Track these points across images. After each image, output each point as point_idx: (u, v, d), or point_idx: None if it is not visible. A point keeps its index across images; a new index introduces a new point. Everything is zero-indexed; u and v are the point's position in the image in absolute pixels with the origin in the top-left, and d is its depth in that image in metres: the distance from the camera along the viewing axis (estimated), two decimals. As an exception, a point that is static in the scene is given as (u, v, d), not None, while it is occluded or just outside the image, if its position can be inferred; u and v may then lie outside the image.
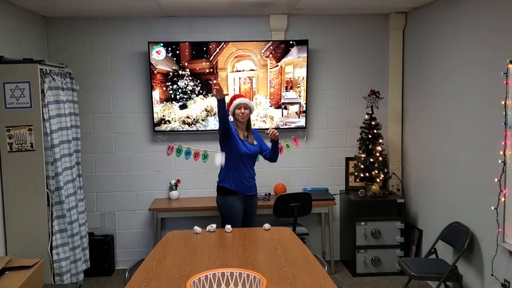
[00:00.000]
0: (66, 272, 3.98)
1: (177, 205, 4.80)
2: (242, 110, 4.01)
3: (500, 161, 3.30)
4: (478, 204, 3.67)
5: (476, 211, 3.69)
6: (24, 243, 3.82)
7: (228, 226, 3.56)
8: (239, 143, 4.01)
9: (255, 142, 4.13)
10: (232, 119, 4.10)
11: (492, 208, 3.41)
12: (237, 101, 4.02)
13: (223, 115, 3.84)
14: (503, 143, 3.26)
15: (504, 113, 3.25)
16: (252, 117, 4.94)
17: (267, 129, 4.05)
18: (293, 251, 3.06)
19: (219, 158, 4.03)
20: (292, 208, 4.50)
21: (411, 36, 4.90)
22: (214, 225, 3.58)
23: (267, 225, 3.59)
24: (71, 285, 3.64)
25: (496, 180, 3.35)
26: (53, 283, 3.87)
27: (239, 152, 4.00)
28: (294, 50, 4.89)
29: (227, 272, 1.98)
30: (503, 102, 3.25)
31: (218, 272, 1.97)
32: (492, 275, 3.50)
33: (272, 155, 4.12)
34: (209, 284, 2.07)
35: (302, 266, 2.78)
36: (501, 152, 3.28)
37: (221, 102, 3.79)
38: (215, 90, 3.74)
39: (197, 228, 3.54)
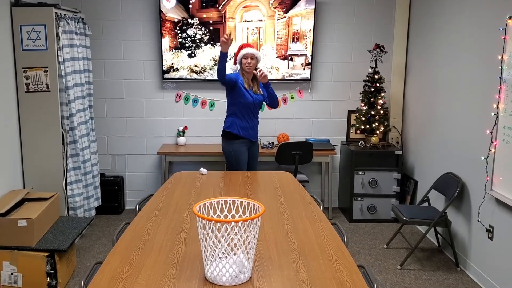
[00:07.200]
0: (79, 207, 4.26)
1: (184, 150, 5.02)
2: (249, 60, 4.09)
3: (493, 114, 3.46)
4: (470, 155, 3.86)
5: (468, 162, 3.88)
6: (40, 178, 4.08)
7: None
8: (244, 92, 4.14)
9: (261, 91, 4.28)
10: (239, 68, 4.23)
11: (483, 158, 3.60)
12: (244, 51, 4.10)
13: (219, 67, 3.92)
14: (497, 96, 3.40)
15: (500, 67, 3.38)
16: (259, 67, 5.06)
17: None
18: (292, 192, 3.27)
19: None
20: (294, 156, 4.71)
21: (418, -9, 4.96)
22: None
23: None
24: (85, 218, 3.91)
25: (488, 132, 3.53)
26: (67, 216, 4.15)
27: (245, 101, 4.15)
28: (302, 2, 4.96)
29: (230, 200, 2.19)
30: (500, 57, 3.38)
31: (222, 200, 2.18)
32: (478, 221, 3.73)
33: (270, 101, 4.25)
34: (213, 210, 2.30)
35: (299, 204, 2.99)
36: (495, 105, 3.44)
37: (223, 54, 3.89)
38: (222, 41, 3.82)
39: (203, 170, 3.76)
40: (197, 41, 5.01)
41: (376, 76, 4.96)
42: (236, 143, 4.22)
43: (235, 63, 4.24)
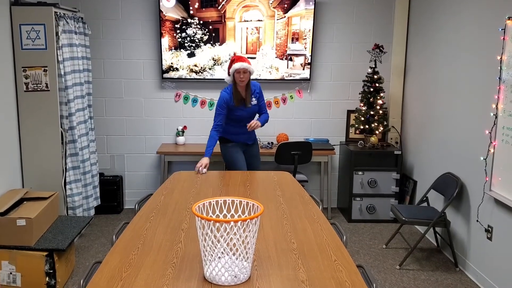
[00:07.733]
0: (78, 207, 4.26)
1: (183, 150, 5.01)
2: (241, 75, 3.96)
3: (492, 114, 3.46)
4: (469, 155, 3.86)
5: (467, 162, 3.89)
6: (39, 178, 4.08)
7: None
8: (236, 110, 4.09)
9: (254, 102, 4.15)
10: (231, 80, 4.08)
11: (482, 158, 3.61)
12: (236, 65, 3.93)
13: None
14: (496, 97, 3.40)
15: (499, 68, 3.38)
16: (258, 67, 5.07)
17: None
18: (291, 192, 3.27)
19: None
20: (293, 156, 4.71)
21: (418, -9, 4.96)
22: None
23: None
24: (84, 217, 3.90)
25: (487, 132, 3.53)
26: (66, 215, 4.15)
27: (237, 117, 4.13)
28: (301, 2, 4.96)
29: (229, 200, 2.19)
30: (499, 57, 3.38)
31: (221, 200, 2.18)
32: (477, 221, 3.73)
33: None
34: (212, 210, 2.30)
35: (298, 204, 2.99)
36: (494, 106, 3.44)
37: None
38: (198, 171, 3.76)
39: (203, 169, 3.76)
40: (197, 40, 5.01)
41: (375, 76, 4.96)
42: (229, 145, 4.23)
43: (229, 75, 4.15)
